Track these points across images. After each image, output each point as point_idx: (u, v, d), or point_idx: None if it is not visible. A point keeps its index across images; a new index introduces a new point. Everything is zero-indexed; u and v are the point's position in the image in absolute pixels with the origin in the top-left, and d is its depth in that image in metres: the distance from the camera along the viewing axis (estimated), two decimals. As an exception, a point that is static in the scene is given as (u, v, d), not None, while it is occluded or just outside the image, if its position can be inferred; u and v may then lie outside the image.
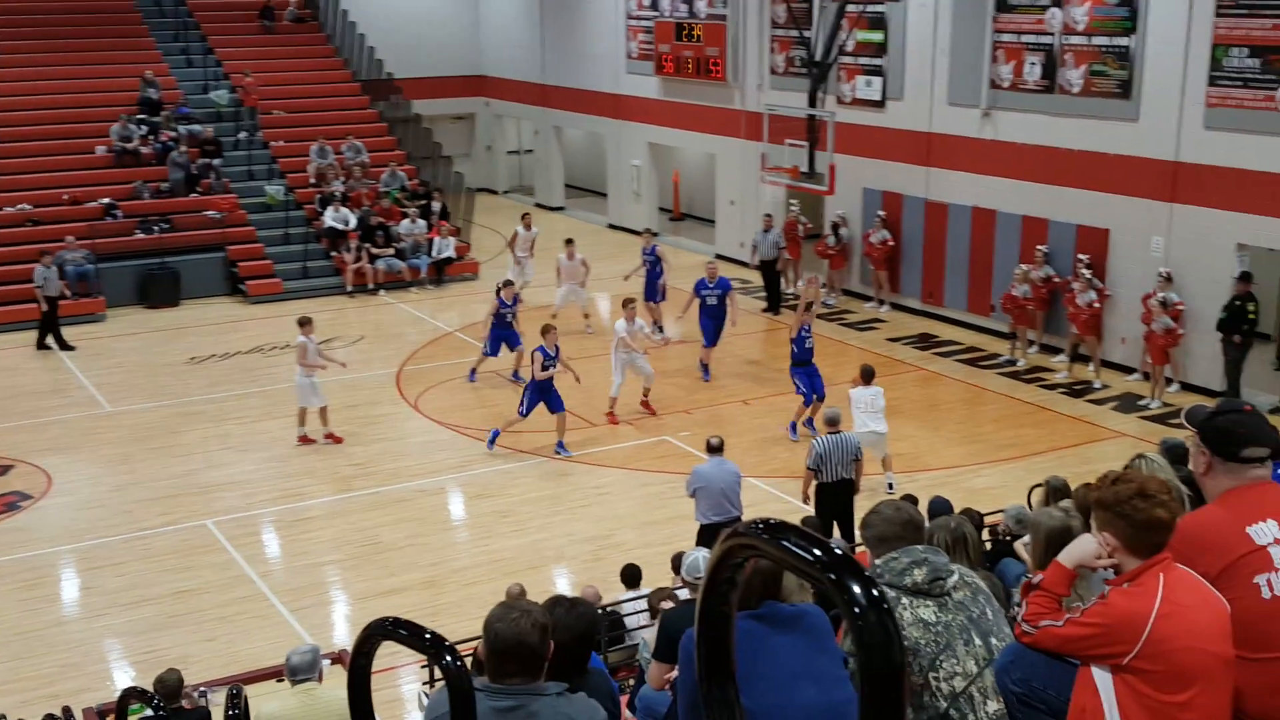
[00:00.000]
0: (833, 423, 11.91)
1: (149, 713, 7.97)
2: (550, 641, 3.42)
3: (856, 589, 1.85)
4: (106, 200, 23.66)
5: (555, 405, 15.19)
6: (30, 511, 13.96)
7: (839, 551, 1.91)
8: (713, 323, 18.10)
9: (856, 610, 1.84)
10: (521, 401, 15.31)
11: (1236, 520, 3.48)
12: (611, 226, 29.54)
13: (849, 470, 11.77)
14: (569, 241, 21.01)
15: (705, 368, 18.29)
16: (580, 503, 14.00)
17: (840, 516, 11.84)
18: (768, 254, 21.87)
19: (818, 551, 1.92)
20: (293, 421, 16.32)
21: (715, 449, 11.63)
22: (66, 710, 8.76)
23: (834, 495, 11.80)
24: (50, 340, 20.10)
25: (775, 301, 22.02)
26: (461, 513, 14.23)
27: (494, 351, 17.88)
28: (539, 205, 32.47)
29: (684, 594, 8.13)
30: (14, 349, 20.14)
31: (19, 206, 23.11)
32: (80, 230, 22.57)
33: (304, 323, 15.89)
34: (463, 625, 10.43)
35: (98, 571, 12.53)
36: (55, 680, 10.47)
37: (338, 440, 15.81)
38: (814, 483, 11.86)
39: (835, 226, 22.35)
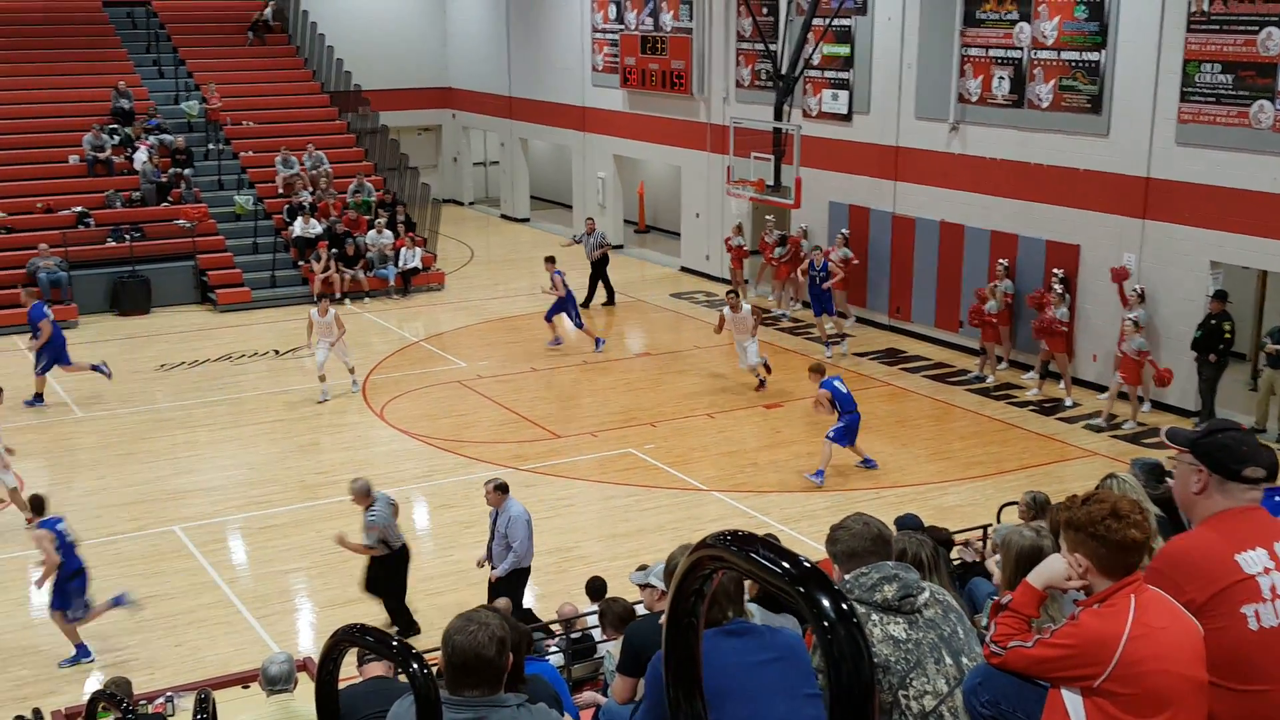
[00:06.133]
0: None
1: (116, 715, 8.11)
2: (509, 654, 3.43)
3: (826, 602, 1.82)
4: (79, 209, 23.72)
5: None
6: (1, 515, 14.02)
7: (808, 564, 1.89)
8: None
9: (826, 624, 1.80)
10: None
11: (1226, 547, 3.41)
12: (576, 239, 29.72)
13: None
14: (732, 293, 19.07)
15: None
16: (544, 514, 14.09)
17: None
18: (590, 254, 23.19)
19: (786, 564, 1.89)
20: (260, 429, 16.51)
21: (505, 488, 11.19)
22: (36, 712, 8.88)
23: None
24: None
25: (589, 299, 22.95)
26: (426, 522, 14.39)
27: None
28: (505, 217, 32.70)
29: (641, 609, 8.15)
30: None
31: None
32: (53, 239, 22.64)
33: None
34: (426, 636, 10.65)
35: (67, 577, 12.61)
36: (25, 683, 10.55)
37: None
38: None
39: (783, 238, 22.67)
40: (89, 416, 17.35)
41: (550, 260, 20.61)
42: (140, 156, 25.00)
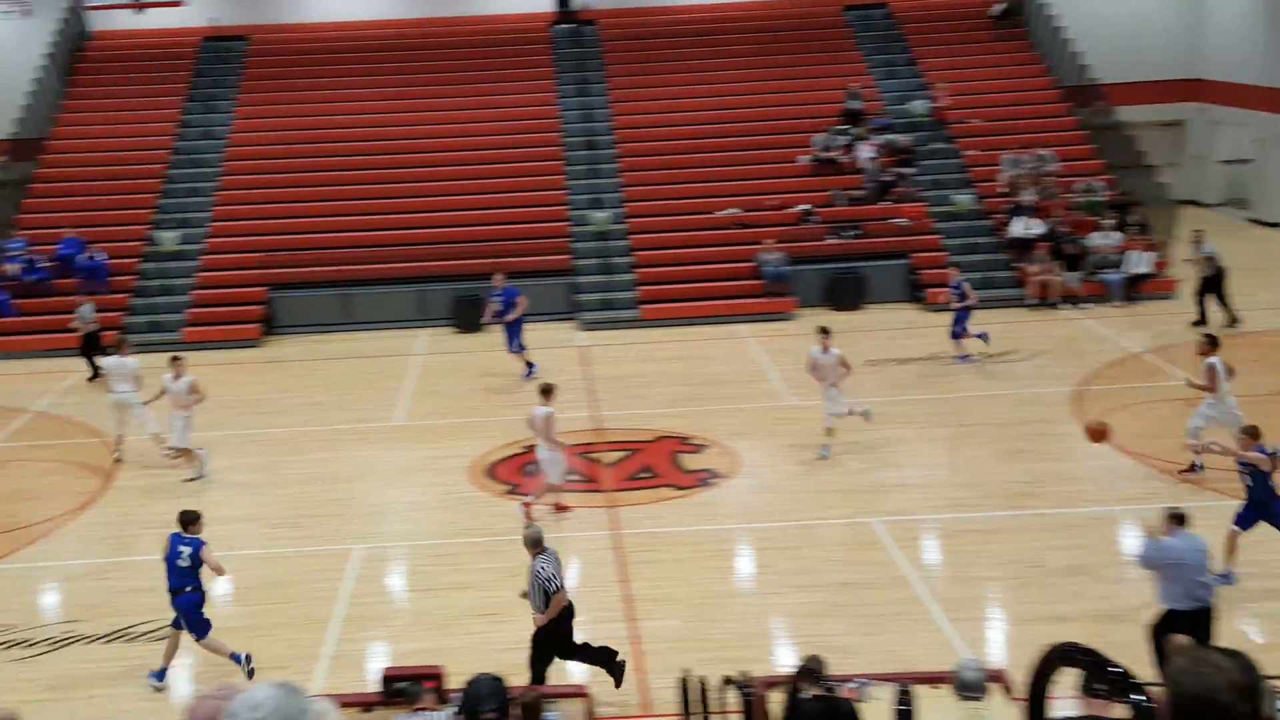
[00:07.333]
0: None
1: (816, 690, 8.12)
2: (1257, 707, 2.96)
3: None
4: (805, 206, 25.00)
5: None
6: (720, 489, 14.97)
7: None
8: None
9: None
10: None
11: None
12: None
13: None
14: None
15: None
16: None
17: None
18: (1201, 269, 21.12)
19: None
20: (965, 431, 16.13)
21: (1180, 519, 9.82)
22: (744, 675, 9.17)
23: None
24: None
25: (1202, 319, 20.77)
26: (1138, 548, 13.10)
27: None
28: (1254, 220, 29.44)
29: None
30: (720, 340, 21.98)
31: (728, 211, 25.13)
32: (779, 234, 24.09)
33: (546, 391, 14.29)
34: (1138, 669, 9.55)
35: (773, 552, 13.13)
36: (728, 646, 10.99)
37: (566, 508, 14.29)
38: None
39: None
40: (800, 404, 17.98)
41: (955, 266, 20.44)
42: (864, 155, 25.77)
